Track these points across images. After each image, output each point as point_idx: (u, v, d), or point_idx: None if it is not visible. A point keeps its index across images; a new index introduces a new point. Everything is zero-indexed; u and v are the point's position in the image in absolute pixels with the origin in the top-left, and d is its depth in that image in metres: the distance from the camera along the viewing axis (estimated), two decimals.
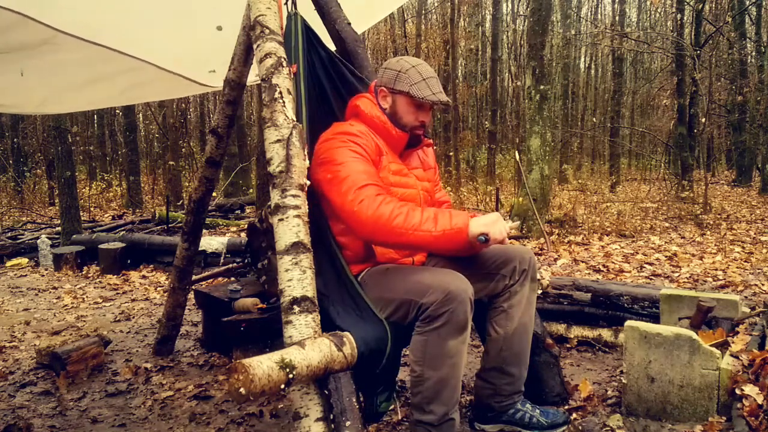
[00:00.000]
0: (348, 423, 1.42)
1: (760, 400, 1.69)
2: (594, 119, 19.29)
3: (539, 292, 2.87)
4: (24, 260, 5.79)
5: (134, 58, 2.63)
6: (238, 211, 9.08)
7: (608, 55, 18.28)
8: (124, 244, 5.28)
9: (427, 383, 1.64)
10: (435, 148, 2.12)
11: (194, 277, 3.23)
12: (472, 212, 2.05)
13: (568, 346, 2.79)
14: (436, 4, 18.30)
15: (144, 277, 4.96)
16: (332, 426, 1.43)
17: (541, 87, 6.43)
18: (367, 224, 1.63)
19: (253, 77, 2.49)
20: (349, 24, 2.33)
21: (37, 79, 2.71)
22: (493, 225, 1.63)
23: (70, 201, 6.33)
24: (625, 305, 2.74)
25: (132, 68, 2.73)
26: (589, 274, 4.35)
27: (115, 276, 5.00)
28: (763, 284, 3.78)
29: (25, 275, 5.23)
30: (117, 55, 2.57)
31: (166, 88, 3.43)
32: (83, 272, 5.20)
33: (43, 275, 5.19)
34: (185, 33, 2.60)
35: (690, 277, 4.13)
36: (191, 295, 3.22)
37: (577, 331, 2.82)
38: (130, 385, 2.57)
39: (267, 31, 1.82)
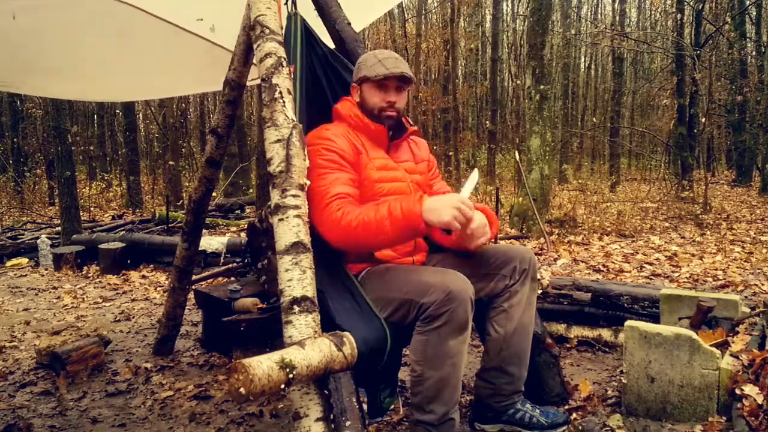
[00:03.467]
0: (348, 423, 1.42)
1: (760, 400, 1.69)
2: (594, 119, 19.29)
3: (539, 292, 2.87)
4: (24, 260, 5.79)
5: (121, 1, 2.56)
6: (238, 211, 9.08)
7: (608, 55, 18.28)
8: (124, 244, 5.28)
9: (428, 383, 1.64)
10: (435, 147, 2.12)
11: (194, 277, 3.23)
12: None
13: (568, 346, 2.79)
14: (436, 4, 18.30)
15: (144, 277, 4.96)
16: (332, 426, 1.43)
17: (541, 87, 6.43)
18: (338, 243, 1.71)
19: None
20: (349, 24, 2.33)
21: (27, 41, 2.65)
22: (437, 211, 1.55)
23: (70, 201, 6.33)
24: (625, 305, 2.74)
25: (118, 16, 2.65)
26: (589, 274, 4.35)
27: (115, 276, 5.00)
28: (763, 284, 3.78)
29: (25, 275, 5.23)
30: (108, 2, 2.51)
31: (155, 64, 3.33)
32: (83, 272, 5.20)
33: (43, 275, 5.19)
34: None
35: (690, 277, 4.13)
36: (191, 295, 3.22)
37: (577, 331, 2.82)
38: (130, 385, 2.57)
39: (267, 31, 1.82)
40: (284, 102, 1.69)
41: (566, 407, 2.08)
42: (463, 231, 1.67)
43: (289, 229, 1.55)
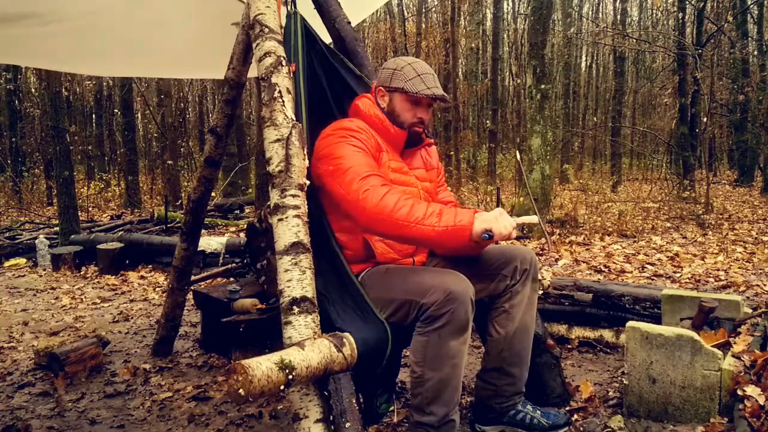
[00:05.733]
0: (348, 424, 1.41)
1: (762, 401, 1.68)
2: (595, 119, 19.31)
3: (540, 292, 2.85)
4: (22, 260, 5.78)
5: None
6: (237, 211, 9.07)
7: (609, 54, 18.28)
8: (122, 245, 5.27)
9: (428, 384, 1.63)
10: (436, 147, 2.11)
11: (193, 278, 3.22)
12: (476, 209, 2.02)
13: (569, 346, 2.78)
14: (436, 3, 18.29)
15: (142, 277, 4.95)
16: (332, 427, 1.42)
17: (542, 86, 6.42)
18: (371, 214, 1.60)
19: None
20: (349, 23, 2.32)
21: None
22: (496, 221, 1.59)
23: (68, 201, 6.31)
24: (627, 306, 2.73)
25: None
26: (590, 274, 4.34)
27: (114, 276, 4.99)
28: (765, 284, 3.76)
29: (23, 275, 5.22)
30: None
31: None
32: (81, 272, 5.19)
33: (41, 275, 5.18)
34: None
35: (692, 277, 4.11)
36: (190, 296, 3.21)
37: (578, 332, 2.81)
38: (128, 386, 2.56)
39: (266, 29, 1.81)
40: (283, 101, 1.68)
41: (567, 408, 2.07)
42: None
43: (289, 230, 1.54)
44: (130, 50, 3.26)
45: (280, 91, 1.69)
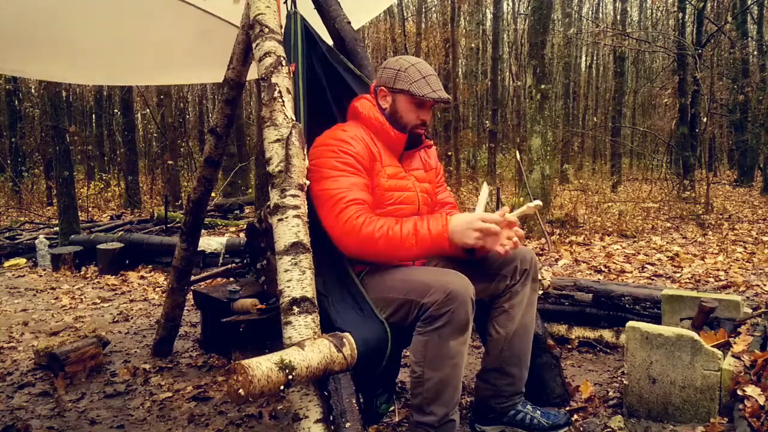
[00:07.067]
0: (348, 424, 1.41)
1: (762, 401, 1.68)
2: (595, 119, 19.30)
3: (540, 292, 2.85)
4: (22, 260, 5.78)
5: None
6: (237, 211, 9.06)
7: (609, 54, 18.27)
8: (122, 245, 5.27)
9: (428, 384, 1.63)
10: (435, 147, 2.10)
11: (193, 278, 3.22)
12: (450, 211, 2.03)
13: (569, 346, 2.78)
14: (436, 3, 18.29)
15: (142, 277, 4.95)
16: (332, 427, 1.42)
17: (542, 86, 6.42)
18: (355, 251, 1.69)
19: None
20: (349, 23, 2.32)
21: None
22: (461, 234, 1.60)
23: (68, 201, 6.31)
24: (627, 306, 2.73)
25: None
26: (590, 274, 4.34)
27: (114, 276, 4.99)
28: (765, 284, 3.76)
29: (23, 275, 5.22)
30: None
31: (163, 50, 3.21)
32: (81, 273, 5.19)
33: (41, 275, 5.17)
34: None
35: (692, 277, 4.11)
36: (190, 296, 3.21)
37: (578, 332, 2.81)
38: (128, 386, 2.56)
39: (266, 29, 1.81)
40: (283, 101, 1.68)
41: (567, 408, 2.07)
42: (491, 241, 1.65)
43: (289, 230, 1.54)
44: (126, 56, 3.28)
45: (280, 91, 1.69)
